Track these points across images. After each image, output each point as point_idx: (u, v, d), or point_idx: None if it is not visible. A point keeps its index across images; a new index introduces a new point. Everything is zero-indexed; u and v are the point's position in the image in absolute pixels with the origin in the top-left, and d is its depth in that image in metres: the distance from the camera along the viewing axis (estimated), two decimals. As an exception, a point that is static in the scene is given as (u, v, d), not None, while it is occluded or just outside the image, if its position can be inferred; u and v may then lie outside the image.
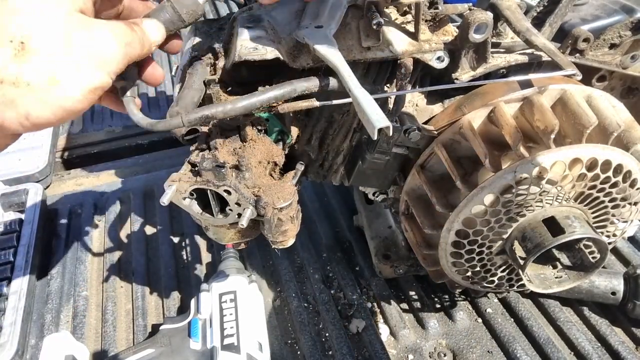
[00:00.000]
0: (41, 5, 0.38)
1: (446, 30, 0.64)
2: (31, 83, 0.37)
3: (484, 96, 0.65)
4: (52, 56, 0.38)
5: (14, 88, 0.37)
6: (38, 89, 0.38)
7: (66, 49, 0.39)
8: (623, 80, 0.74)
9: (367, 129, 0.48)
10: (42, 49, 0.38)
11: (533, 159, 0.59)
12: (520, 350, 0.83)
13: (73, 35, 0.39)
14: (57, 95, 0.39)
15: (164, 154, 1.40)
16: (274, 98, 0.55)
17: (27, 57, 0.37)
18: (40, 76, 0.38)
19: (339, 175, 0.81)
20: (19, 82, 0.37)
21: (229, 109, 0.53)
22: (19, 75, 0.37)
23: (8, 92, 0.37)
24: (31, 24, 0.37)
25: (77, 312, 0.94)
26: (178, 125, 0.52)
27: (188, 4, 0.51)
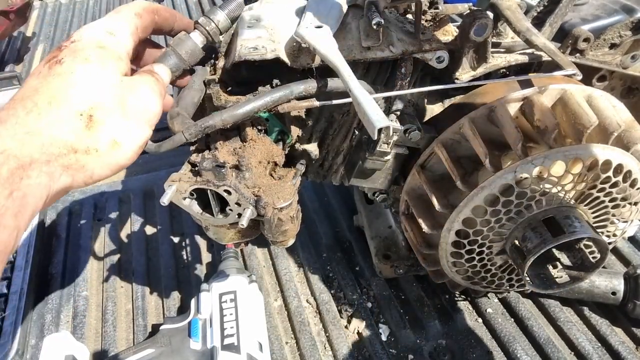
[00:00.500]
0: (97, 78, 0.43)
1: (446, 30, 0.64)
2: (99, 150, 0.42)
3: (484, 96, 0.65)
4: (114, 124, 0.43)
5: (85, 155, 0.42)
6: (103, 154, 0.43)
7: (123, 113, 0.44)
8: (623, 80, 0.74)
9: (367, 129, 0.48)
10: (106, 119, 0.43)
11: (533, 159, 0.59)
12: (521, 350, 0.83)
13: (126, 101, 0.45)
14: (117, 156, 0.44)
15: (164, 153, 1.39)
16: (271, 102, 0.56)
17: (95, 128, 0.42)
18: (105, 143, 0.43)
19: (339, 175, 0.81)
20: (90, 150, 0.42)
21: (227, 117, 0.55)
22: (90, 144, 0.42)
23: (80, 159, 0.41)
24: (93, 97, 0.42)
25: (77, 312, 0.94)
26: (180, 142, 0.54)
27: (188, 46, 0.56)
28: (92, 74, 0.43)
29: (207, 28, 0.57)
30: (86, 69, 0.43)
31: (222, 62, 0.61)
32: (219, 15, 0.58)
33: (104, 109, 0.43)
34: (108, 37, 0.46)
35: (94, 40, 0.45)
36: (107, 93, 0.43)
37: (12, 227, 0.36)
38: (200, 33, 0.57)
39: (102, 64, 0.44)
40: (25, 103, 0.41)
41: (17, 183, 0.36)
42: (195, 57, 0.57)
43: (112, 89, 0.44)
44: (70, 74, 0.42)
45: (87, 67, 0.43)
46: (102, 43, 0.45)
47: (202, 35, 0.57)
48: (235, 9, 0.59)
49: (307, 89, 0.57)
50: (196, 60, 0.58)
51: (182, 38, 0.56)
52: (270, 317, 0.91)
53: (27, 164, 0.38)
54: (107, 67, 0.44)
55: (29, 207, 0.38)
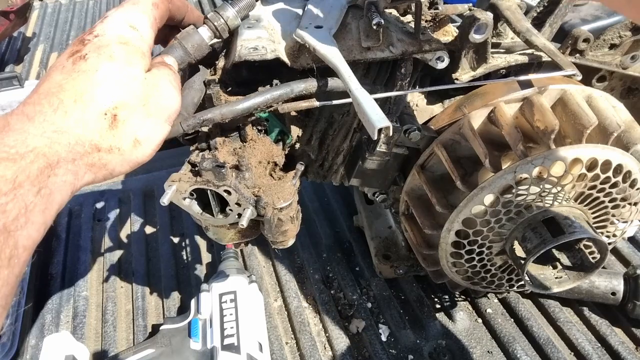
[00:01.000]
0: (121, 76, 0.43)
1: (446, 31, 0.64)
2: (121, 149, 0.43)
3: (484, 96, 0.65)
4: (136, 123, 0.44)
5: (108, 154, 0.42)
6: (125, 152, 0.43)
7: (145, 111, 0.44)
8: (623, 80, 0.74)
9: (367, 129, 0.48)
10: (129, 118, 0.43)
11: (533, 159, 0.59)
12: (520, 350, 0.83)
13: (149, 98, 0.45)
14: (138, 154, 0.45)
15: (164, 154, 1.37)
16: (271, 100, 0.56)
17: (118, 128, 0.43)
18: (128, 142, 0.43)
19: (339, 176, 0.81)
20: (113, 149, 0.42)
21: (226, 112, 0.54)
22: (113, 143, 0.42)
23: (103, 157, 0.42)
24: (118, 96, 0.43)
25: (77, 312, 0.94)
26: (177, 133, 0.53)
27: (194, 40, 0.55)
28: (117, 72, 0.43)
29: (215, 24, 0.56)
30: (111, 67, 0.43)
31: (222, 63, 0.61)
32: (229, 12, 0.57)
33: (128, 108, 0.43)
34: (131, 32, 0.46)
35: (116, 35, 0.45)
36: (132, 92, 0.43)
37: (39, 222, 0.37)
38: (208, 28, 0.56)
39: (127, 61, 0.44)
40: (51, 99, 0.41)
41: (45, 181, 0.37)
42: (201, 51, 0.56)
43: (136, 87, 0.44)
44: (95, 72, 0.42)
45: (111, 65, 0.43)
46: (125, 38, 0.45)
47: (210, 30, 0.56)
48: (245, 7, 0.58)
49: (308, 87, 0.57)
50: (202, 54, 0.57)
51: (189, 32, 0.56)
52: (270, 318, 0.91)
53: (55, 162, 0.38)
54: (132, 64, 0.44)
55: (55, 204, 0.38)
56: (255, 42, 0.58)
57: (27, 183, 0.36)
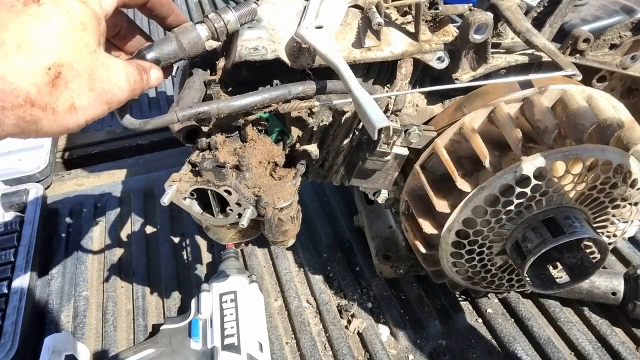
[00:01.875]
0: (76, 39, 0.41)
1: (446, 31, 0.64)
2: (56, 109, 0.40)
3: (484, 96, 0.65)
4: (77, 88, 0.41)
5: (41, 111, 0.40)
6: (59, 114, 0.41)
7: (89, 83, 0.42)
8: (623, 80, 0.74)
9: (368, 129, 0.48)
10: (72, 82, 0.41)
11: (533, 159, 0.59)
12: (521, 350, 0.83)
13: (96, 72, 0.43)
14: (70, 120, 0.42)
15: (164, 154, 1.40)
16: (268, 99, 0.56)
17: (59, 87, 0.40)
18: (64, 104, 0.41)
19: (339, 176, 0.81)
20: (47, 107, 0.40)
21: (222, 107, 0.54)
22: (49, 102, 0.40)
23: (35, 114, 0.39)
24: (67, 56, 0.40)
25: (77, 312, 0.94)
26: (171, 121, 0.53)
27: (191, 36, 0.55)
28: (70, 30, 0.40)
29: (215, 24, 0.56)
30: (65, 23, 0.40)
31: (222, 63, 0.61)
32: (230, 16, 0.56)
33: (73, 71, 0.40)
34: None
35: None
36: (81, 56, 0.41)
37: None
38: (207, 28, 0.56)
39: (82, 22, 0.41)
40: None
41: None
42: (196, 49, 0.56)
43: (85, 55, 0.41)
44: (48, 21, 0.39)
45: (66, 21, 0.40)
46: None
47: (208, 30, 0.56)
48: (247, 14, 0.58)
49: (306, 90, 0.57)
50: (197, 52, 0.56)
51: (187, 27, 0.55)
52: (270, 317, 0.91)
53: None
54: (87, 28, 0.42)
55: None
56: (256, 42, 0.58)
57: None
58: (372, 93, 0.51)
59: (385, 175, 0.71)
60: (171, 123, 0.53)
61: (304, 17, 0.62)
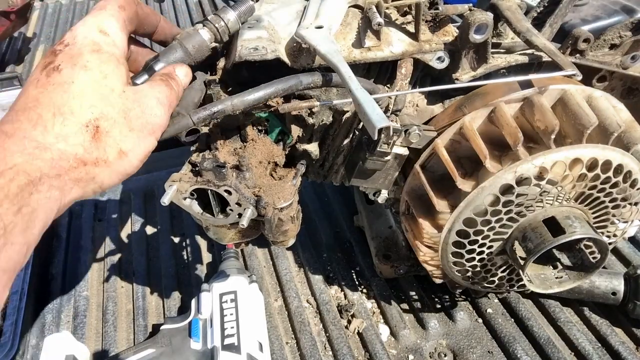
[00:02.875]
0: (101, 89, 0.43)
1: (446, 31, 0.64)
2: (107, 160, 0.42)
3: (485, 96, 0.65)
4: (119, 134, 0.43)
5: (94, 167, 0.42)
6: (112, 164, 0.43)
7: (127, 124, 0.44)
8: (623, 80, 0.74)
9: (368, 129, 0.48)
10: (112, 130, 0.42)
11: (533, 159, 0.59)
12: (521, 350, 0.83)
13: (130, 112, 0.44)
14: (125, 165, 0.44)
15: (164, 154, 1.39)
16: (282, 90, 0.54)
17: (102, 139, 0.42)
18: (112, 153, 0.43)
19: (339, 176, 0.81)
20: (99, 161, 0.42)
21: (237, 103, 0.53)
22: (98, 155, 0.42)
23: (90, 171, 0.41)
24: (97, 108, 0.42)
25: (77, 312, 0.94)
26: (187, 126, 0.52)
27: (195, 41, 0.55)
28: (93, 83, 0.42)
29: (216, 25, 0.56)
30: (86, 78, 0.42)
31: (222, 63, 0.61)
32: (230, 15, 0.56)
33: (109, 120, 0.42)
34: (102, 37, 0.45)
35: (88, 42, 0.44)
36: (111, 103, 0.43)
37: (20, 243, 0.35)
38: (209, 30, 0.56)
39: (102, 71, 0.43)
40: (30, 115, 0.40)
41: (27, 199, 0.36)
42: (202, 53, 0.56)
43: (114, 100, 0.43)
44: (71, 84, 0.41)
45: (87, 76, 0.42)
46: (97, 45, 0.44)
47: (210, 32, 0.56)
48: (246, 11, 0.58)
49: (315, 81, 0.56)
50: (203, 56, 0.56)
51: (190, 32, 0.55)
52: (270, 317, 0.91)
53: (37, 179, 0.37)
54: (108, 74, 0.43)
55: (38, 222, 0.37)
56: (256, 42, 0.58)
57: (6, 202, 0.34)
58: (374, 90, 0.51)
59: (385, 175, 0.71)
60: (188, 128, 0.52)
61: (304, 17, 0.62)
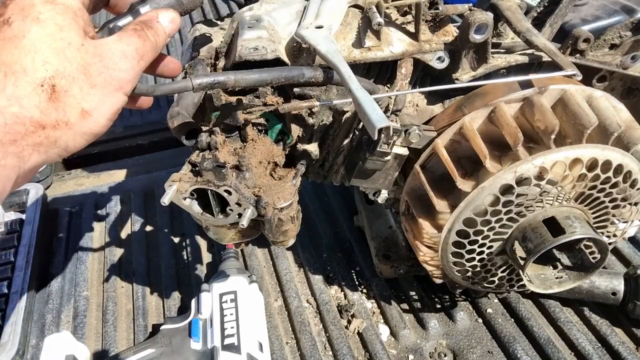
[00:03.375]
0: (56, 42, 0.38)
1: (446, 31, 0.64)
2: (69, 121, 0.39)
3: (484, 96, 0.65)
4: (78, 92, 0.39)
5: (55, 130, 0.38)
6: (74, 125, 0.39)
7: (88, 81, 0.39)
8: (623, 80, 0.74)
9: (368, 129, 0.48)
10: (70, 88, 0.38)
11: (533, 159, 0.59)
12: (521, 350, 0.83)
13: (90, 67, 0.40)
14: (89, 125, 0.40)
15: (164, 154, 1.40)
16: (282, 77, 0.54)
17: (60, 99, 0.38)
18: (74, 113, 0.39)
19: (339, 176, 0.81)
20: (59, 123, 0.38)
21: (239, 79, 0.52)
22: (57, 117, 0.38)
23: (51, 135, 0.38)
24: (53, 65, 0.38)
25: (77, 312, 0.94)
26: (186, 88, 0.50)
27: None
28: (47, 36, 0.38)
29: None
30: (40, 31, 0.38)
31: (222, 63, 0.61)
32: None
33: (67, 77, 0.38)
34: None
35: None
36: (67, 58, 0.38)
37: None
38: None
39: (57, 23, 0.39)
40: None
41: None
42: (194, 1, 0.52)
43: (72, 54, 0.39)
44: (22, 38, 0.37)
45: (40, 29, 0.38)
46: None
47: None
48: None
49: (317, 76, 0.56)
50: (194, 6, 0.53)
51: None
52: (270, 317, 0.91)
53: None
54: (64, 27, 0.39)
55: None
56: (256, 42, 0.58)
57: None
58: (374, 91, 0.51)
59: (385, 175, 0.71)
60: (185, 90, 0.50)
61: (304, 17, 0.62)
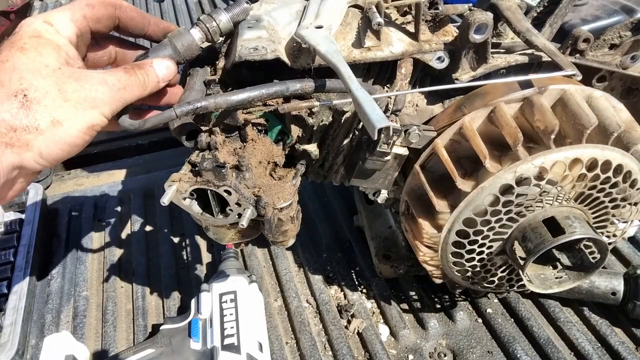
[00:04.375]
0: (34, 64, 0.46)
1: (446, 31, 0.64)
2: (39, 127, 0.44)
3: (484, 96, 0.65)
4: (50, 103, 0.45)
5: (26, 133, 0.44)
6: (45, 131, 0.44)
7: (61, 96, 0.45)
8: (623, 80, 0.74)
9: (367, 129, 0.48)
10: (42, 99, 0.44)
11: (533, 159, 0.59)
12: (521, 350, 0.83)
13: (65, 85, 0.46)
14: (61, 134, 0.45)
15: (164, 154, 1.40)
16: (266, 95, 0.56)
17: (31, 107, 0.44)
18: (44, 120, 0.44)
19: (339, 176, 0.81)
20: (30, 128, 0.44)
21: (220, 102, 0.54)
22: (28, 122, 0.44)
23: (22, 137, 0.43)
24: (27, 80, 0.44)
25: (77, 312, 0.94)
26: (170, 117, 0.53)
27: (185, 40, 0.56)
28: (27, 60, 0.45)
29: (207, 25, 0.57)
30: (21, 57, 0.45)
31: (222, 63, 0.61)
32: (222, 16, 0.58)
33: (39, 90, 0.44)
34: (44, 26, 0.49)
35: (30, 31, 0.48)
36: (42, 76, 0.45)
37: None
38: (200, 30, 0.57)
39: (39, 51, 0.46)
40: None
41: None
42: (191, 52, 0.57)
43: (47, 74, 0.45)
44: (6, 62, 0.45)
45: (21, 55, 0.46)
46: (38, 33, 0.48)
47: (201, 32, 0.57)
48: (239, 13, 0.59)
49: (304, 87, 0.57)
50: (192, 55, 0.58)
51: (181, 31, 0.57)
52: (270, 317, 0.91)
53: None
54: (44, 54, 0.46)
55: None
56: (256, 42, 0.58)
57: None
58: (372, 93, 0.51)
59: (385, 175, 0.71)
60: (170, 120, 0.54)
61: (304, 17, 0.62)
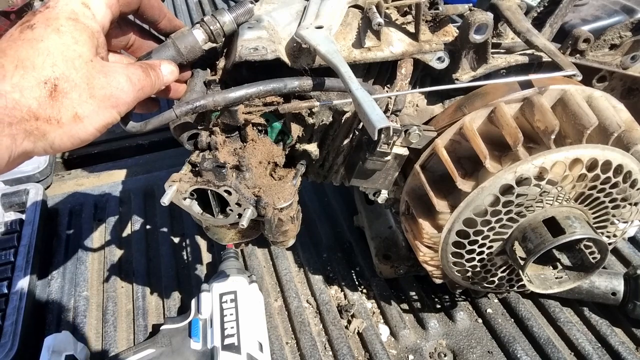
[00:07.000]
0: (68, 52, 0.43)
1: (446, 31, 0.64)
2: (60, 120, 0.43)
3: (485, 96, 0.65)
4: (77, 97, 0.43)
5: (46, 124, 0.42)
6: (64, 125, 0.43)
7: (89, 91, 0.44)
8: (623, 80, 0.74)
9: (368, 129, 0.48)
10: (70, 92, 0.43)
11: (533, 159, 0.59)
12: (521, 350, 0.83)
13: (94, 80, 0.45)
14: (78, 130, 0.44)
15: (164, 154, 1.40)
16: (263, 92, 0.56)
17: (58, 99, 0.42)
18: (67, 115, 0.43)
19: (339, 176, 0.81)
20: (52, 119, 0.42)
21: (218, 99, 0.54)
22: (51, 114, 0.42)
23: (42, 127, 0.42)
24: (61, 69, 0.43)
25: (77, 312, 0.94)
26: (170, 118, 0.53)
27: (188, 41, 0.56)
28: (62, 45, 0.43)
29: (211, 27, 0.57)
30: (56, 40, 0.43)
31: (222, 63, 0.61)
32: (226, 18, 0.57)
33: (69, 82, 0.43)
34: (82, 9, 0.46)
35: (67, 10, 0.45)
36: (75, 67, 0.43)
37: None
38: (203, 31, 0.57)
39: (74, 37, 0.44)
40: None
41: None
42: (194, 53, 0.57)
43: (80, 65, 0.44)
44: (40, 41, 0.42)
45: (57, 38, 0.43)
46: (75, 15, 0.45)
47: (204, 33, 0.57)
48: (243, 14, 0.59)
49: (302, 85, 0.57)
50: (195, 56, 0.57)
51: (184, 32, 0.57)
52: (270, 318, 0.91)
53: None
54: (78, 42, 0.44)
55: None
56: (256, 42, 0.58)
57: None
58: (372, 93, 0.51)
59: (385, 175, 0.71)
60: (170, 120, 0.54)
61: (304, 17, 0.62)
